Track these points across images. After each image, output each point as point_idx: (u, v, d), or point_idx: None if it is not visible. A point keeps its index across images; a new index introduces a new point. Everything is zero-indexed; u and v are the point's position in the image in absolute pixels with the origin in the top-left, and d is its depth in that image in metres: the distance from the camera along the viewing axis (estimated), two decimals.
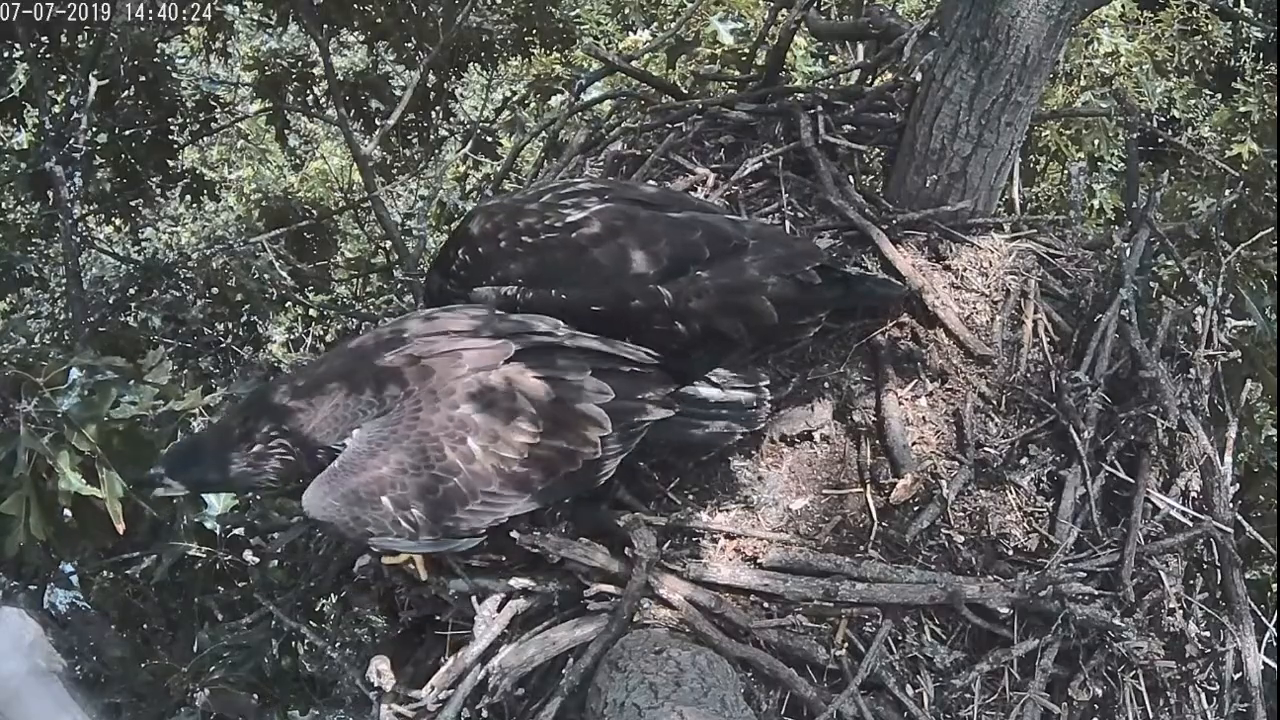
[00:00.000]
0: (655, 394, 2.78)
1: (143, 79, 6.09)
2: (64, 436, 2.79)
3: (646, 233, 2.98)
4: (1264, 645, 3.06)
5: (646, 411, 2.76)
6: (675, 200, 3.23)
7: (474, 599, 2.81)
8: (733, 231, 3.06)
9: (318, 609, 3.63)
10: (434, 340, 2.72)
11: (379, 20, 6.23)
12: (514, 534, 2.77)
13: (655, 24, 7.56)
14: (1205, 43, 6.49)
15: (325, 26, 6.07)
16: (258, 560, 3.12)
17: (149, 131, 6.29)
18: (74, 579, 4.08)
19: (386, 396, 2.66)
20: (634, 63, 5.24)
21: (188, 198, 6.76)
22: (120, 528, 2.82)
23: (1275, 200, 4.77)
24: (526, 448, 2.63)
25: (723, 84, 5.30)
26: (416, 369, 2.66)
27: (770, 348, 3.19)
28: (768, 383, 3.06)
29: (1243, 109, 5.54)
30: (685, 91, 4.89)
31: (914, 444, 3.07)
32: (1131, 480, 3.04)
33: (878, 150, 4.04)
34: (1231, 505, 3.13)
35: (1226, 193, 4.52)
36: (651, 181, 3.83)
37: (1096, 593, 2.82)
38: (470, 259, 3.03)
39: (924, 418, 3.14)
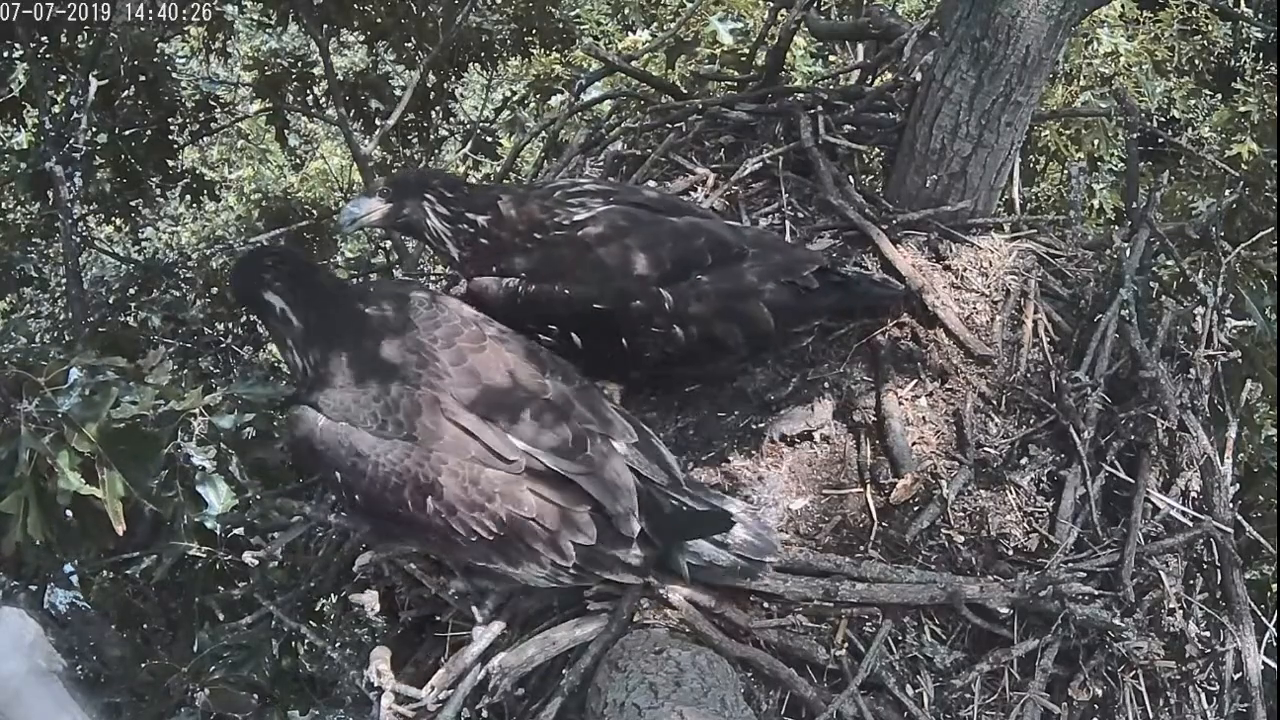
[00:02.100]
0: (634, 558, 2.68)
1: (143, 79, 6.09)
2: (64, 436, 2.79)
3: (651, 236, 3.02)
4: (1264, 645, 3.06)
5: (614, 570, 2.69)
6: (676, 206, 3.26)
7: (474, 599, 2.81)
8: (733, 239, 3.11)
9: (318, 609, 3.63)
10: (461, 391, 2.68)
11: (379, 20, 6.23)
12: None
13: (655, 24, 7.55)
14: (1205, 43, 6.48)
15: (325, 26, 6.07)
16: (258, 561, 3.11)
17: (149, 131, 6.29)
18: (74, 579, 4.08)
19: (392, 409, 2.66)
20: (634, 63, 5.24)
21: (188, 198, 6.76)
22: (120, 528, 2.82)
23: (1275, 200, 4.77)
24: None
25: (723, 84, 5.30)
26: (428, 404, 2.65)
27: (763, 356, 3.21)
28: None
29: (1243, 109, 5.55)
30: (685, 91, 4.88)
31: (914, 444, 3.07)
32: (1131, 480, 3.04)
33: (878, 150, 4.04)
34: (1231, 505, 3.12)
35: (1226, 193, 4.52)
36: (651, 183, 3.83)
37: (1096, 593, 2.82)
38: (484, 240, 3.04)
39: (924, 418, 3.14)
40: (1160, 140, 5.36)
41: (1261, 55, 6.24)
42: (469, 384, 2.68)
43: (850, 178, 3.72)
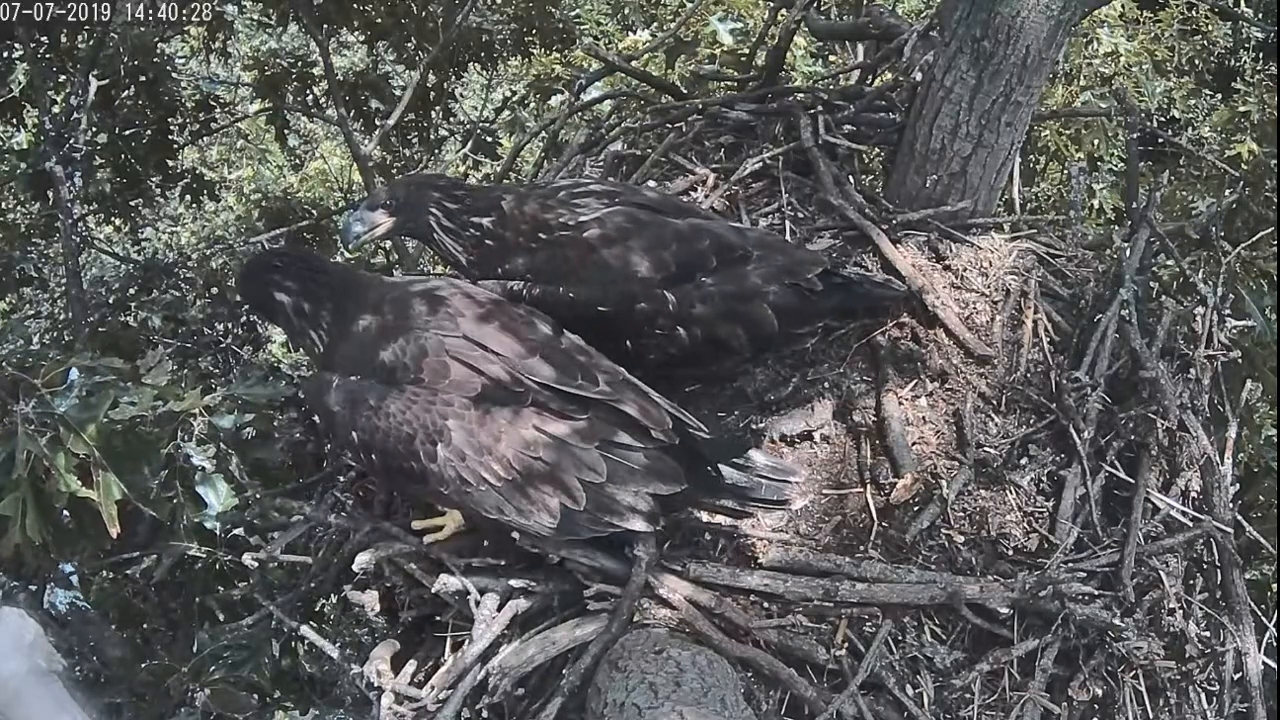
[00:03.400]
0: (644, 501, 2.68)
1: (143, 79, 6.10)
2: (61, 438, 2.79)
3: (655, 238, 3.02)
4: (1264, 645, 3.06)
5: (625, 517, 2.68)
6: (679, 207, 3.26)
7: (474, 599, 2.81)
8: (737, 240, 3.10)
9: (318, 609, 3.63)
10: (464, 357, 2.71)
11: (379, 20, 6.23)
12: (515, 534, 2.78)
13: (655, 24, 7.56)
14: (1205, 43, 6.49)
15: (325, 26, 6.07)
16: (258, 564, 3.11)
17: (149, 131, 6.30)
18: (74, 579, 4.09)
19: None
20: (634, 63, 5.24)
21: (188, 198, 6.77)
22: (114, 530, 2.82)
23: (1275, 200, 4.77)
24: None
25: (723, 84, 5.30)
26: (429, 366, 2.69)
27: (766, 357, 3.21)
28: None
29: (1243, 109, 5.55)
30: (685, 91, 4.88)
31: (914, 444, 3.07)
32: (1131, 480, 3.04)
33: (878, 150, 4.04)
34: (1231, 505, 3.12)
35: (1226, 193, 4.53)
36: (652, 183, 3.83)
37: (1096, 593, 2.81)
38: (489, 241, 3.05)
39: (924, 418, 3.14)
40: (1160, 140, 5.35)
41: (1261, 55, 6.25)
42: (478, 329, 2.73)
43: (850, 178, 3.72)
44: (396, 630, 3.06)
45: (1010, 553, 2.93)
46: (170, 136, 6.41)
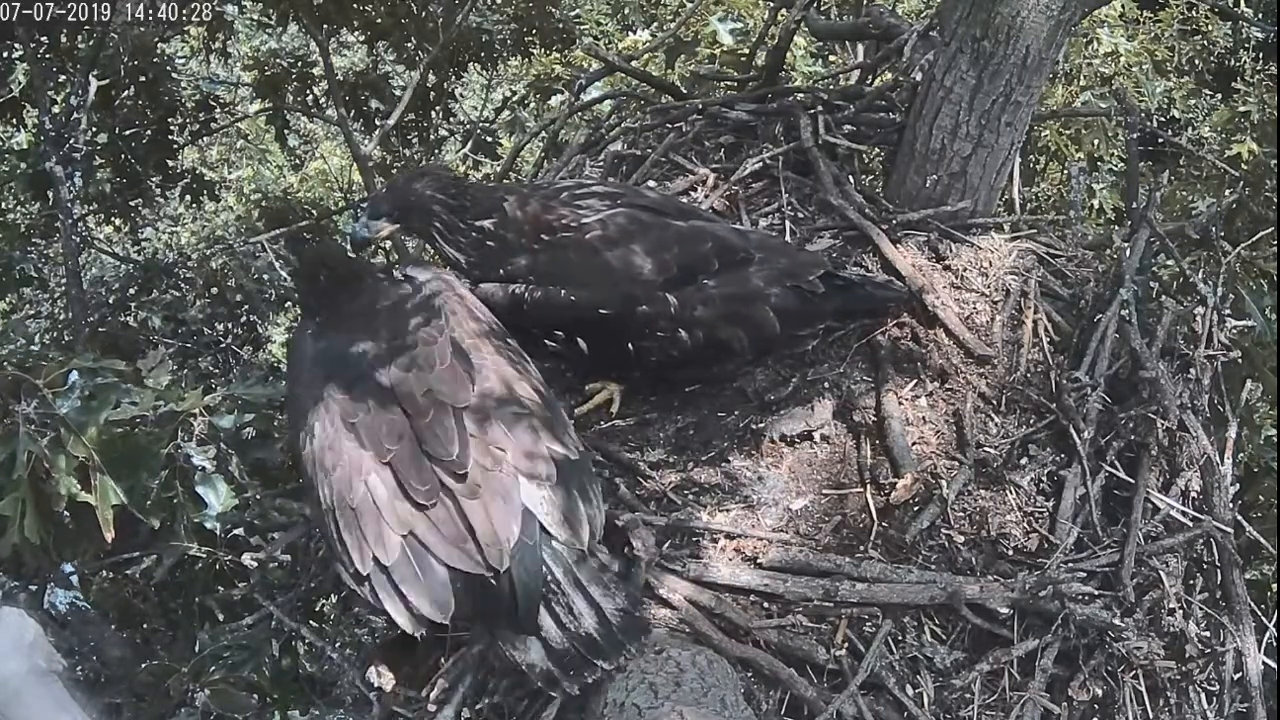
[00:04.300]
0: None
1: (143, 79, 6.09)
2: (62, 440, 2.79)
3: (657, 241, 3.03)
4: (1264, 645, 3.05)
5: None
6: (681, 209, 3.27)
7: None
8: (739, 242, 3.11)
9: (318, 609, 3.63)
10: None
11: (379, 20, 6.22)
12: None
13: (655, 24, 7.56)
14: (1205, 43, 6.48)
15: (325, 26, 6.07)
16: (257, 564, 3.10)
17: (149, 131, 6.29)
18: (74, 579, 4.08)
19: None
20: (634, 63, 5.24)
21: (188, 198, 6.76)
22: (109, 535, 2.81)
23: (1275, 200, 4.77)
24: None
25: (723, 84, 5.30)
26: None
27: (767, 359, 3.21)
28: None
29: (1243, 109, 5.55)
30: (685, 91, 4.88)
31: (914, 444, 3.07)
32: (1131, 480, 3.04)
33: (878, 150, 4.04)
34: (1231, 505, 3.12)
35: (1226, 193, 4.53)
36: (652, 183, 3.83)
37: (1096, 593, 2.81)
38: (490, 243, 3.04)
39: (924, 418, 3.14)
40: (1160, 140, 5.36)
41: (1261, 55, 6.25)
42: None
43: (850, 178, 3.72)
44: (397, 630, 3.06)
45: (1010, 553, 2.93)
46: (170, 136, 6.41)
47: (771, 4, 5.19)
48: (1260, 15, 5.88)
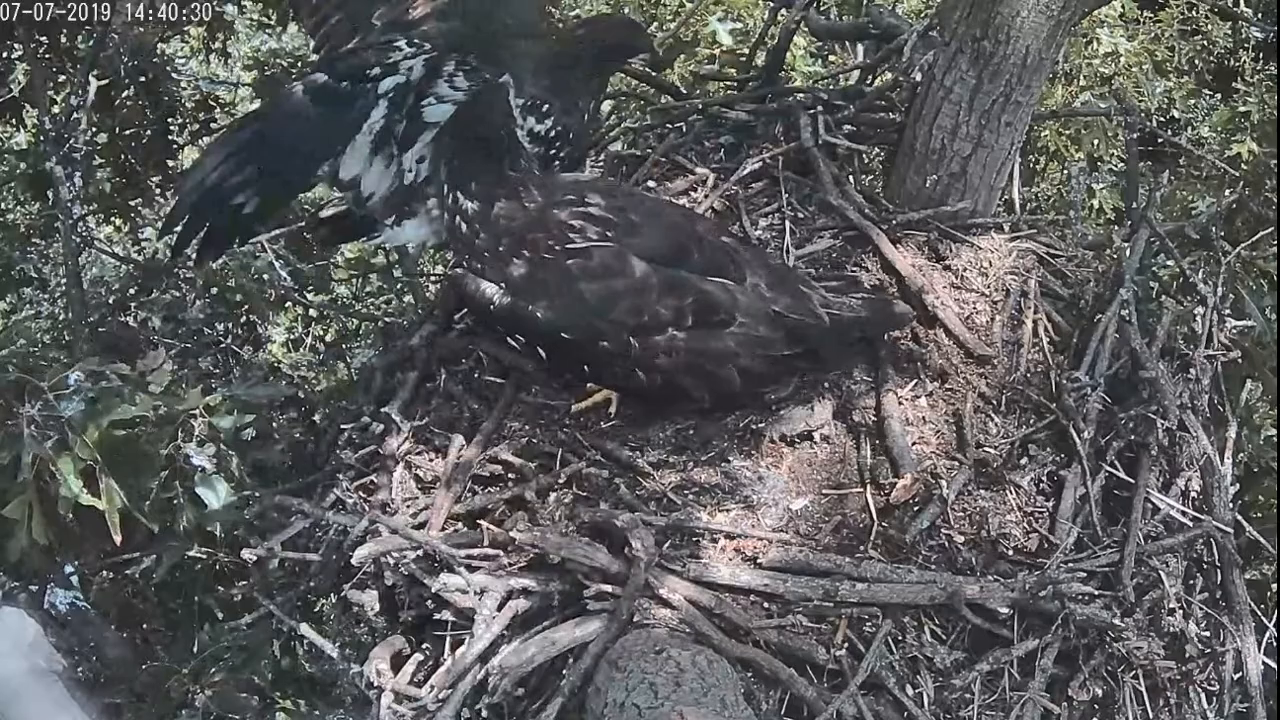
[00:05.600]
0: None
1: (143, 79, 6.07)
2: (66, 442, 2.79)
3: (638, 288, 3.00)
4: (1264, 645, 3.06)
5: None
6: (682, 247, 3.11)
7: (474, 598, 2.81)
8: (724, 302, 3.03)
9: (318, 609, 3.63)
10: None
11: None
12: (515, 533, 2.79)
13: (655, 24, 7.55)
14: (1205, 43, 6.47)
15: None
16: (256, 559, 3.10)
17: (149, 131, 6.28)
18: (74, 579, 4.08)
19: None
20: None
21: None
22: (118, 538, 2.81)
23: (1275, 200, 4.76)
24: None
25: (723, 84, 5.30)
26: None
27: (733, 410, 3.15)
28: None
29: (1243, 109, 5.54)
30: (685, 91, 4.88)
31: (914, 444, 3.07)
32: (1131, 480, 3.04)
33: (878, 150, 4.04)
34: (1231, 505, 3.13)
35: (1226, 193, 4.52)
36: (652, 183, 3.82)
37: (1096, 593, 2.82)
38: (487, 234, 3.10)
39: (924, 418, 3.14)
40: (1160, 140, 5.35)
41: (1261, 55, 6.23)
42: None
43: (850, 178, 3.72)
44: (396, 630, 3.07)
45: (1010, 553, 2.93)
46: (170, 136, 6.39)
47: (771, 4, 5.18)
48: (1260, 15, 5.88)
